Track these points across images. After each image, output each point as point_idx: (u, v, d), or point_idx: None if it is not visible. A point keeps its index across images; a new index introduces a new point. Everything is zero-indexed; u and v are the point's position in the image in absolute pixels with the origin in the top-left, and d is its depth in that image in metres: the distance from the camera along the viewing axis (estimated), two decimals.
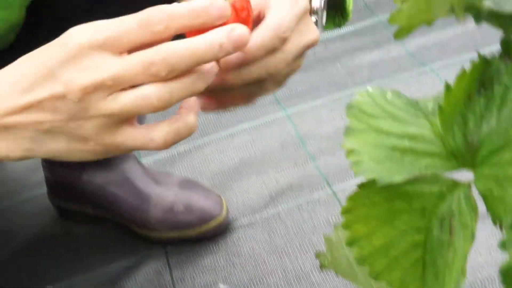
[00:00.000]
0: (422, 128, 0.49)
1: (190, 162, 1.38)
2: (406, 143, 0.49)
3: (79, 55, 0.58)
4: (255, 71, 0.68)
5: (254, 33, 0.66)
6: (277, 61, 0.69)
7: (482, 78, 0.47)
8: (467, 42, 1.53)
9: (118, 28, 0.58)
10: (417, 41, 1.57)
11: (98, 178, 1.23)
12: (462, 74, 0.47)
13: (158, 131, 0.60)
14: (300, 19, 0.70)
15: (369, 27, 1.67)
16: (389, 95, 0.53)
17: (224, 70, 0.65)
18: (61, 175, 1.27)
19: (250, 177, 1.32)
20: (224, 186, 1.31)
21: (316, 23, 0.78)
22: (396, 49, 1.58)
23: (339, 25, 0.87)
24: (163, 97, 0.58)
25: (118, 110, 0.58)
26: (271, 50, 0.68)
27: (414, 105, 0.54)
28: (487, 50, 0.49)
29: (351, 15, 0.86)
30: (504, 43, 0.46)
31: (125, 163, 1.24)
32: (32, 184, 1.39)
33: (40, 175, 1.32)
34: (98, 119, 0.59)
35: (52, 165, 1.26)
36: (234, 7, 0.63)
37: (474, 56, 1.39)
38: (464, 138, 0.47)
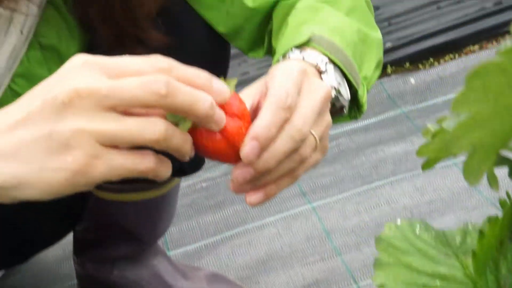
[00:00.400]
0: (453, 269, 0.50)
1: (218, 255, 1.39)
2: (437, 283, 0.50)
3: (80, 68, 0.58)
4: (280, 147, 0.66)
5: (259, 116, 0.65)
6: (298, 127, 0.67)
7: None
8: None
9: (126, 58, 0.60)
10: None
11: (128, 274, 1.24)
12: (494, 220, 0.48)
13: (149, 153, 0.59)
14: (300, 82, 0.69)
15: (392, 118, 1.69)
16: (417, 228, 0.54)
17: (249, 162, 0.64)
18: (92, 270, 1.27)
19: (277, 271, 1.32)
20: (250, 280, 1.31)
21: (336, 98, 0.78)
22: (419, 142, 1.57)
23: (355, 117, 0.86)
24: (169, 131, 0.57)
25: (118, 130, 0.57)
26: (282, 122, 0.66)
27: (443, 239, 0.54)
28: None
29: (365, 107, 0.86)
30: None
31: (155, 259, 1.25)
32: (63, 275, 1.40)
33: (70, 266, 1.33)
34: (88, 132, 0.56)
35: (83, 260, 1.28)
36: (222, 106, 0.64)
37: None
38: (496, 283, 0.48)
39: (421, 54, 1.88)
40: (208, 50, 1.01)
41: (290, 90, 0.67)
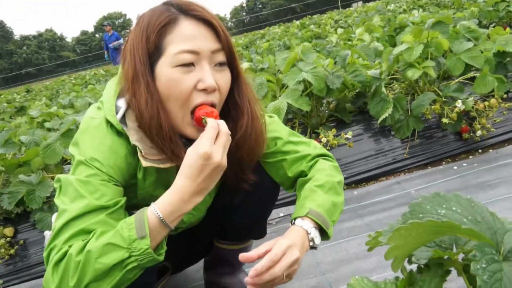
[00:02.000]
0: None
1: None
2: None
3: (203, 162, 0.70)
4: (268, 275, 0.70)
5: (265, 257, 0.70)
6: (276, 270, 0.70)
7: (409, 282, 0.51)
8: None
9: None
10: (370, 218, 1.56)
11: (228, 281, 1.18)
12: (401, 280, 0.50)
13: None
14: (287, 248, 0.72)
15: (346, 210, 1.63)
16: (365, 280, 0.55)
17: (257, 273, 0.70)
18: (211, 278, 1.20)
19: None
20: None
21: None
22: (360, 222, 1.55)
23: (326, 239, 0.85)
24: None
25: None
26: (272, 265, 0.70)
27: (378, 285, 0.54)
28: None
29: (331, 236, 0.85)
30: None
31: (240, 275, 1.20)
32: (197, 279, 1.29)
33: (200, 275, 1.27)
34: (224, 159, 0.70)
35: (207, 273, 1.21)
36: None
37: None
38: None
39: (359, 181, 1.85)
40: (271, 187, 1.00)
41: (280, 253, 0.71)
